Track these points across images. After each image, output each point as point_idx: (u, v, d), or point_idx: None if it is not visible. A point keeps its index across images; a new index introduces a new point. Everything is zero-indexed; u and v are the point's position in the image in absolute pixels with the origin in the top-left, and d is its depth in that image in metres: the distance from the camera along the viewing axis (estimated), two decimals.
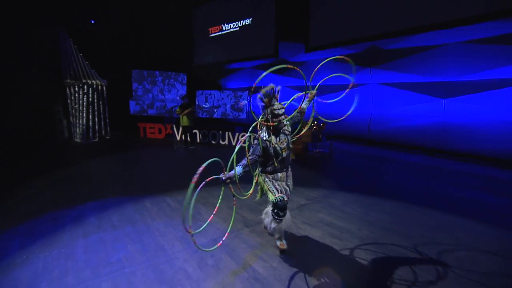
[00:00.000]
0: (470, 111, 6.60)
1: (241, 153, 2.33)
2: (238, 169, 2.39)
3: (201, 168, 1.98)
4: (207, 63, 12.35)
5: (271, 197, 2.68)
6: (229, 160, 2.29)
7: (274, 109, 2.50)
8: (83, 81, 9.46)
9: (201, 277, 2.54)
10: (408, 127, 7.78)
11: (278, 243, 2.93)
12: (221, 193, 2.32)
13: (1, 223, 3.65)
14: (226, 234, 2.36)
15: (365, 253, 2.89)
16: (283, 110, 2.54)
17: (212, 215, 2.31)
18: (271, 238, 3.22)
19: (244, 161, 2.46)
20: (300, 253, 2.91)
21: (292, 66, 2.52)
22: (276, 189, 2.67)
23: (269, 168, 2.69)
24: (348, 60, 2.94)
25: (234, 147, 2.40)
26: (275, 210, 2.71)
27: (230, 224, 2.40)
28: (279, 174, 2.72)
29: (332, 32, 7.98)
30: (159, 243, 3.13)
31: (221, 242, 2.28)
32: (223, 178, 2.27)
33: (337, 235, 3.29)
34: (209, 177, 2.17)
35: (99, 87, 9.88)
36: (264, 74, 2.24)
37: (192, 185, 1.92)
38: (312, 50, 8.33)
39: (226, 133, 9.16)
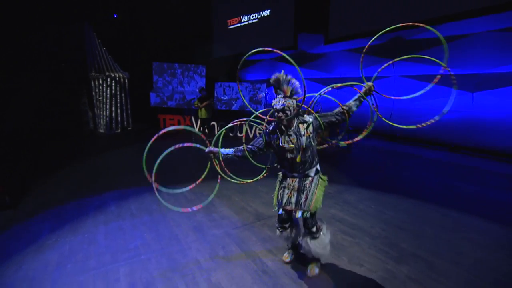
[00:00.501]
0: (501, 106, 6.19)
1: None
2: (228, 150, 2.34)
3: (164, 130, 2.27)
4: (225, 55, 12.38)
5: (273, 202, 2.51)
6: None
7: (273, 103, 2.12)
8: (107, 74, 9.83)
9: (212, 267, 2.64)
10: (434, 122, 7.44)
11: (285, 254, 2.73)
12: (207, 167, 2.37)
13: (35, 207, 3.97)
14: (200, 206, 2.37)
15: (375, 251, 2.86)
16: (282, 105, 2.08)
17: (194, 184, 2.44)
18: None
19: (240, 146, 2.33)
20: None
21: (273, 50, 2.06)
22: (278, 198, 2.41)
23: (279, 167, 2.43)
24: (431, 29, 2.19)
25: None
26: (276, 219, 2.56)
27: (209, 198, 2.42)
28: (288, 180, 2.34)
29: (353, 22, 7.70)
30: (174, 233, 3.27)
31: (189, 210, 2.32)
32: (206, 150, 2.32)
33: (348, 231, 3.28)
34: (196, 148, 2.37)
35: (122, 79, 10.23)
36: (244, 58, 2.03)
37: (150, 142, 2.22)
38: (332, 42, 8.09)
39: (244, 125, 9.21)
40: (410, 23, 2.35)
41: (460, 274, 2.50)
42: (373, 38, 2.28)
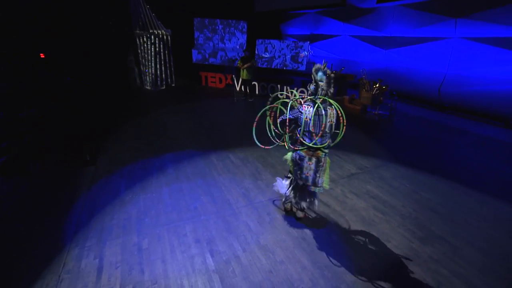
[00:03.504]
0: None
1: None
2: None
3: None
4: (268, 10, 11.76)
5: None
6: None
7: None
8: (150, 31, 10.08)
9: (260, 231, 3.17)
10: (492, 92, 6.80)
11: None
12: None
13: (109, 165, 4.74)
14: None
15: (403, 230, 3.17)
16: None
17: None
18: (322, 202, 3.65)
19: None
20: (344, 221, 3.32)
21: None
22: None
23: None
24: None
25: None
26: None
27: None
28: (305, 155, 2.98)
29: None
30: (225, 197, 3.83)
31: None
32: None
33: (381, 208, 3.58)
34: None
35: (165, 36, 10.44)
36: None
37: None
38: (386, 1, 7.27)
39: (285, 87, 9.23)
40: None
41: (486, 263, 2.75)
42: None
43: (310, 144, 2.82)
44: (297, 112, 2.86)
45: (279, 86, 9.37)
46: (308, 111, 2.77)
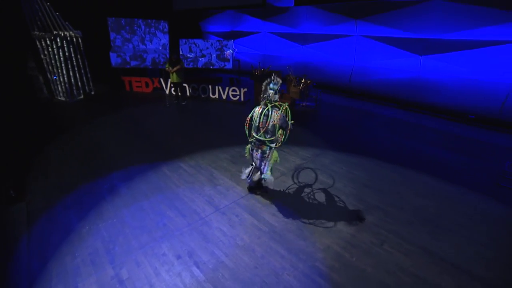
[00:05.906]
0: (443, 69, 7.32)
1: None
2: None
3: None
4: (187, 8, 11.52)
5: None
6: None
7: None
8: (55, 33, 8.75)
9: (234, 233, 3.44)
10: (386, 80, 8.48)
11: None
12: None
13: (46, 197, 4.17)
14: None
15: (350, 206, 3.90)
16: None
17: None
18: (280, 195, 4.12)
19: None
20: (302, 209, 3.86)
21: None
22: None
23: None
24: None
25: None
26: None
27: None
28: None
29: None
30: (191, 208, 3.92)
31: None
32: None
33: (328, 192, 4.26)
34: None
35: (74, 39, 9.22)
36: None
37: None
38: (302, 4, 8.12)
39: (216, 87, 9.37)
40: None
41: (404, 217, 3.68)
42: None
43: (257, 136, 3.65)
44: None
45: (210, 86, 9.45)
46: (257, 111, 3.67)
